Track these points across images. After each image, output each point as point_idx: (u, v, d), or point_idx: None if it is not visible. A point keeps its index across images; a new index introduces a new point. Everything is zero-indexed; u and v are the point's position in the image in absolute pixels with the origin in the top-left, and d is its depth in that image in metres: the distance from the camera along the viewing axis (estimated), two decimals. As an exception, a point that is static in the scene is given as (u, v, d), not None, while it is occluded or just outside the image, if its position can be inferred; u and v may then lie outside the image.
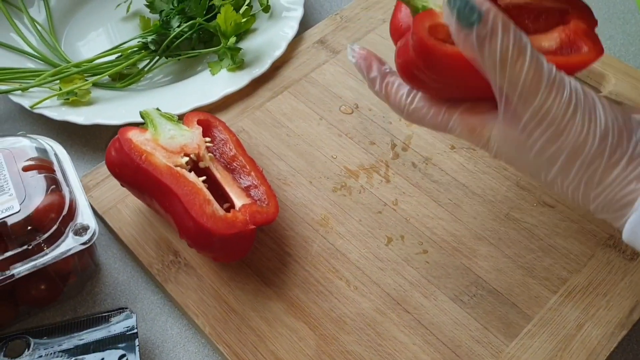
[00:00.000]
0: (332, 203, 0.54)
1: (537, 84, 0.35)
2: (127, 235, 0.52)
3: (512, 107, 0.36)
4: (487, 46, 0.34)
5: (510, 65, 0.35)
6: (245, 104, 0.61)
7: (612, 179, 0.35)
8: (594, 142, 0.35)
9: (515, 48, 0.34)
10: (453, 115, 0.40)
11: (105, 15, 0.72)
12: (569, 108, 0.35)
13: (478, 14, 0.34)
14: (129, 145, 0.48)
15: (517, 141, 0.37)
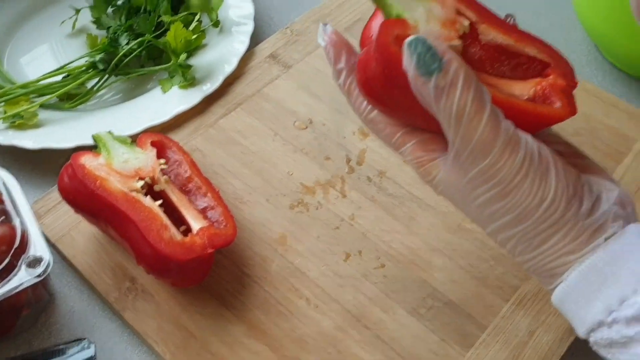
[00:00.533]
0: (290, 220, 0.54)
1: (491, 145, 0.34)
2: (82, 263, 0.51)
3: (461, 160, 0.35)
4: (444, 98, 0.33)
5: (465, 122, 0.33)
6: (198, 122, 0.61)
7: (548, 246, 0.35)
8: (538, 210, 0.35)
9: (473, 105, 0.33)
10: (406, 143, 0.38)
11: (50, 32, 0.70)
12: (519, 172, 0.34)
13: (439, 63, 0.33)
14: (83, 172, 0.47)
15: (462, 190, 0.37)
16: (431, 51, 0.33)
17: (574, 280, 0.35)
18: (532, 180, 0.35)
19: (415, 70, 0.33)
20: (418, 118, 0.38)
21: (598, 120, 0.60)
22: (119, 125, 0.58)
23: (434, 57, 0.33)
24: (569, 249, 0.35)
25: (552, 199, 0.35)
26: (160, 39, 0.63)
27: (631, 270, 0.34)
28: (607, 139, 0.58)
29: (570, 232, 0.35)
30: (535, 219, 0.35)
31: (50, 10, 0.72)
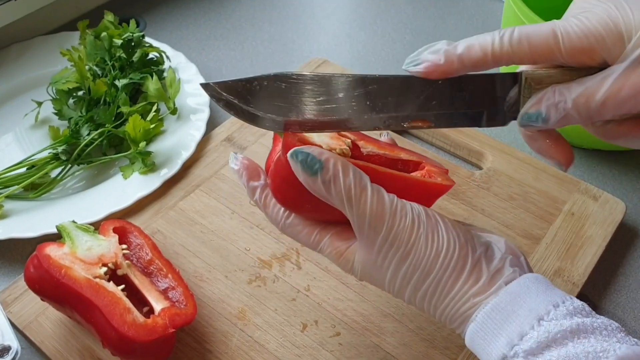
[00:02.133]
0: (248, 295, 0.57)
1: (382, 213, 0.40)
2: (50, 348, 0.53)
3: (365, 234, 0.41)
4: (333, 188, 0.40)
5: (355, 202, 0.40)
6: (159, 205, 0.64)
7: (455, 292, 0.41)
8: (438, 260, 0.41)
9: (357, 186, 0.40)
10: (324, 237, 0.44)
11: (14, 124, 0.74)
12: (412, 231, 0.41)
13: (319, 163, 0.40)
14: (48, 262, 0.50)
15: (375, 264, 0.42)
16: (310, 156, 0.40)
17: (481, 319, 0.40)
18: (425, 236, 0.41)
19: (304, 174, 0.40)
20: (326, 213, 0.43)
21: (529, 185, 0.65)
22: (83, 212, 0.61)
23: (314, 160, 0.40)
24: (474, 292, 0.40)
25: (447, 248, 0.41)
26: (120, 128, 0.67)
27: (529, 309, 0.39)
28: (538, 202, 0.64)
29: (471, 275, 0.41)
30: (437, 269, 0.41)
31: (13, 103, 0.76)
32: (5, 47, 0.81)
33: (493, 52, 0.40)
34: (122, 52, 0.71)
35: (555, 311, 0.38)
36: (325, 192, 0.40)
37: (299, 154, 0.40)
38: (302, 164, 0.40)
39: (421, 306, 0.42)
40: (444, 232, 0.41)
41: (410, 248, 0.41)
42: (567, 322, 0.37)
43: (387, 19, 0.91)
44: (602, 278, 0.60)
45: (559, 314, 0.38)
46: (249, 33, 0.89)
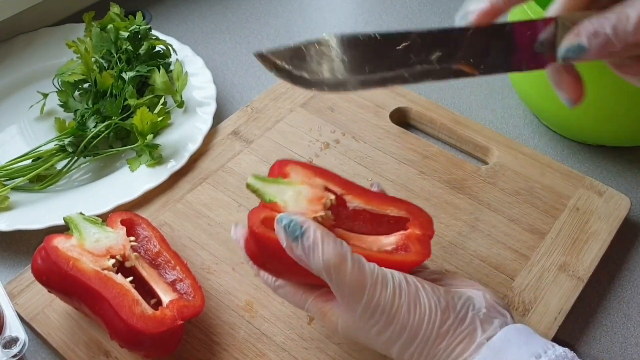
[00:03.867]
0: (255, 287, 0.57)
1: (362, 284, 0.42)
2: (56, 340, 0.53)
3: (346, 302, 0.42)
4: (312, 256, 0.41)
5: (334, 271, 0.41)
6: (166, 198, 0.64)
7: (441, 352, 0.42)
8: (422, 326, 0.42)
9: (336, 257, 0.41)
10: (308, 298, 0.46)
11: (19, 115, 0.74)
12: (394, 301, 0.42)
13: (300, 230, 0.42)
14: (56, 253, 0.50)
15: (358, 327, 0.43)
16: (293, 222, 0.42)
17: None
18: (407, 304, 0.42)
19: (285, 238, 0.42)
20: (306, 277, 0.45)
21: (535, 180, 0.65)
22: (89, 204, 0.61)
23: (296, 226, 0.42)
24: (459, 351, 0.42)
25: (429, 314, 0.42)
26: (127, 121, 0.67)
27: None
28: (543, 197, 0.64)
29: (455, 336, 0.42)
30: (423, 334, 0.42)
31: (18, 95, 0.76)
32: (11, 38, 0.81)
33: None
34: (128, 45, 0.71)
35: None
36: (305, 259, 0.42)
37: (284, 219, 0.42)
38: (285, 229, 0.42)
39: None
40: (425, 300, 0.43)
41: (393, 317, 0.42)
42: None
43: (392, 14, 0.91)
44: (606, 273, 0.61)
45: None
46: (254, 27, 0.89)
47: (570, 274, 0.58)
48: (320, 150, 0.68)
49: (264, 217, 0.45)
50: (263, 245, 0.44)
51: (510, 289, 0.57)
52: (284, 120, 0.71)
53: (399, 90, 0.75)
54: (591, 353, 0.55)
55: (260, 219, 0.45)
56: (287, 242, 0.42)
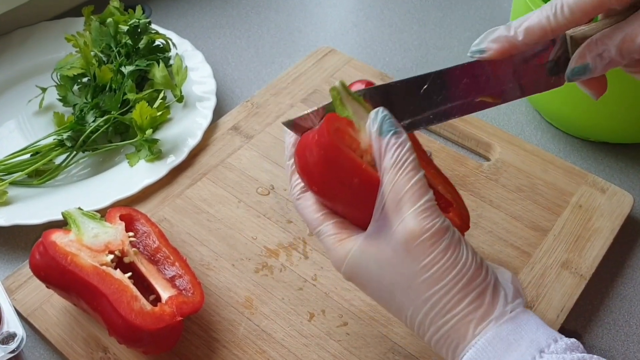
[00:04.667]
0: (255, 284, 0.57)
1: (416, 199, 0.40)
2: (54, 336, 0.53)
3: (387, 213, 0.40)
4: (392, 151, 0.40)
5: (401, 172, 0.40)
6: (165, 193, 0.64)
7: (457, 311, 0.40)
8: (452, 271, 0.40)
9: (411, 163, 0.40)
10: (329, 219, 0.43)
11: (17, 110, 0.73)
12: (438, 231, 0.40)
13: (395, 130, 0.41)
14: (54, 249, 0.50)
15: (377, 254, 0.41)
16: (390, 119, 0.41)
17: (481, 346, 0.39)
18: (447, 244, 0.40)
19: (376, 128, 0.41)
20: (345, 204, 0.43)
21: (537, 177, 0.65)
22: (88, 199, 0.61)
23: (392, 123, 0.41)
24: (477, 315, 0.39)
25: (464, 262, 0.40)
26: (126, 116, 0.66)
27: (530, 340, 0.39)
28: (546, 194, 0.63)
29: (477, 299, 0.40)
30: (448, 281, 0.39)
31: (17, 89, 0.75)
32: (9, 32, 0.80)
33: (552, 28, 0.41)
34: (128, 39, 0.71)
35: (555, 345, 0.39)
36: (384, 151, 0.41)
37: (382, 112, 0.41)
38: (382, 120, 0.41)
39: (412, 317, 0.41)
40: (465, 250, 0.40)
41: (428, 248, 0.40)
42: (569, 356, 0.38)
43: (394, 8, 0.90)
44: (609, 270, 0.60)
45: (559, 348, 0.38)
46: (254, 21, 0.88)
47: (573, 271, 0.57)
48: (321, 145, 0.68)
49: (338, 127, 0.42)
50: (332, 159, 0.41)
51: (512, 286, 0.56)
52: (285, 115, 0.71)
53: (400, 85, 0.74)
54: (593, 351, 0.54)
55: (335, 128, 0.42)
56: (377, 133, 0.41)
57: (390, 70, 0.80)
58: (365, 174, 0.41)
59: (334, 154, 0.41)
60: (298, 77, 0.75)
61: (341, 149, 0.41)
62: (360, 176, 0.41)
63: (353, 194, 0.42)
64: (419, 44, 0.84)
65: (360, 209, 0.43)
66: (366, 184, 0.41)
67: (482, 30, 0.85)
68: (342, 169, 0.41)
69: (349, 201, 0.43)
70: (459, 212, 0.47)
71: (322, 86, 0.74)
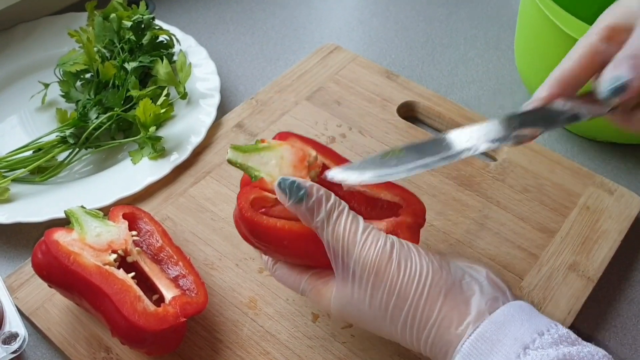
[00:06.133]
0: (259, 284, 0.56)
1: (354, 237, 0.42)
2: (56, 335, 0.52)
3: (339, 260, 0.42)
4: (316, 213, 0.43)
5: (332, 222, 0.42)
6: (169, 191, 0.63)
7: (434, 320, 0.41)
8: (412, 284, 0.41)
9: (336, 210, 0.43)
10: (304, 277, 0.46)
11: (19, 105, 0.73)
12: (384, 255, 0.41)
13: (304, 190, 0.43)
14: (56, 248, 0.49)
15: (351, 297, 0.43)
16: (296, 184, 0.43)
17: (466, 350, 0.39)
18: (397, 261, 0.41)
19: (289, 201, 0.43)
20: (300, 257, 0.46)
21: (544, 177, 0.64)
22: (91, 197, 0.60)
23: (299, 187, 0.43)
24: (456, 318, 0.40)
25: (419, 272, 0.41)
26: (129, 112, 0.66)
27: (514, 337, 0.38)
28: (553, 195, 0.63)
29: (448, 301, 0.41)
30: (413, 295, 0.41)
31: (19, 85, 0.75)
32: (11, 27, 0.79)
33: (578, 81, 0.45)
34: (131, 35, 0.70)
35: (540, 339, 0.38)
36: (309, 216, 0.43)
37: (286, 182, 0.43)
38: (288, 192, 0.43)
39: (404, 338, 0.42)
40: (417, 258, 0.42)
41: (383, 274, 0.41)
42: (554, 351, 0.37)
43: (400, 5, 0.89)
44: (617, 273, 0.59)
45: (545, 343, 0.38)
46: (259, 17, 0.87)
47: (580, 273, 0.57)
48: (326, 144, 0.67)
49: (253, 198, 0.45)
50: (253, 228, 0.44)
51: (519, 288, 0.55)
52: (289, 113, 0.70)
53: (406, 83, 0.73)
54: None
55: (250, 201, 0.45)
56: (290, 203, 0.43)
57: (396, 68, 0.79)
58: (289, 233, 0.44)
59: (254, 227, 0.44)
60: (303, 75, 0.74)
61: (257, 221, 0.44)
62: (287, 237, 0.44)
63: (296, 249, 0.45)
64: (425, 41, 0.84)
65: (311, 258, 0.45)
66: (296, 240, 0.44)
67: (488, 28, 0.85)
68: (268, 237, 0.44)
69: (297, 256, 0.46)
70: (411, 210, 0.48)
71: (327, 84, 0.73)
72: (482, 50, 0.82)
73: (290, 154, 0.47)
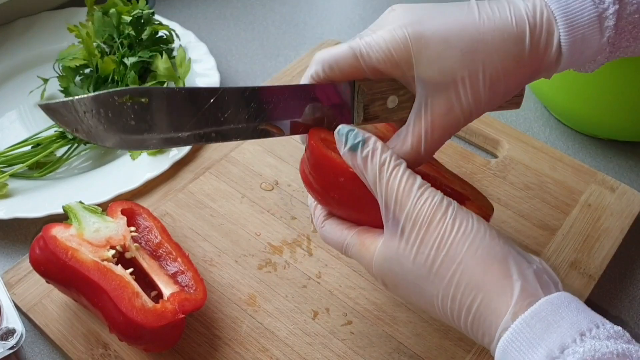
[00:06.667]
0: (259, 281, 0.56)
1: (409, 191, 0.39)
2: (54, 332, 0.52)
3: (391, 213, 0.40)
4: (369, 163, 0.40)
5: (386, 176, 0.40)
6: (168, 187, 0.63)
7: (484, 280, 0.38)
8: (466, 242, 0.38)
9: (391, 162, 0.41)
10: (351, 232, 0.44)
11: (18, 100, 0.72)
12: (439, 210, 0.39)
13: (361, 139, 0.41)
14: (54, 243, 0.49)
15: (396, 252, 0.40)
16: (354, 132, 0.42)
17: (518, 327, 0.36)
18: (453, 217, 0.39)
19: (345, 147, 0.42)
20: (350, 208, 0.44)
21: (546, 175, 0.64)
22: (90, 192, 0.60)
23: (357, 136, 0.41)
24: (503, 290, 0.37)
25: (476, 232, 0.39)
26: (128, 108, 0.65)
27: (571, 321, 0.36)
28: (555, 192, 0.62)
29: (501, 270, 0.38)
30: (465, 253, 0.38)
31: (18, 80, 0.74)
32: (11, 22, 0.79)
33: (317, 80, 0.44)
34: (131, 30, 0.69)
35: (597, 330, 0.36)
36: (363, 167, 0.41)
37: (345, 130, 0.42)
38: (345, 138, 0.41)
39: (444, 304, 0.39)
40: (474, 221, 0.39)
41: (435, 228, 0.39)
42: (612, 344, 0.35)
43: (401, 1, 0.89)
44: (618, 271, 0.59)
45: (602, 334, 0.35)
46: (259, 13, 0.87)
47: (582, 271, 0.56)
48: (326, 140, 0.67)
49: (324, 136, 0.44)
50: (319, 163, 0.43)
51: (520, 286, 0.55)
52: (290, 109, 0.70)
53: (407, 80, 0.73)
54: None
55: (321, 137, 0.44)
56: (346, 150, 0.41)
57: (396, 65, 0.79)
58: (347, 172, 0.42)
59: (319, 158, 0.43)
60: (303, 71, 0.74)
61: (323, 152, 0.43)
62: (344, 175, 0.43)
63: (349, 194, 0.43)
64: (426, 38, 0.83)
65: (364, 209, 0.43)
66: (352, 181, 0.42)
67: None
68: (328, 170, 0.43)
69: (351, 203, 0.44)
70: (477, 205, 0.45)
71: (327, 80, 0.73)
72: (483, 46, 0.82)
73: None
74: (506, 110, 0.49)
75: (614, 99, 0.63)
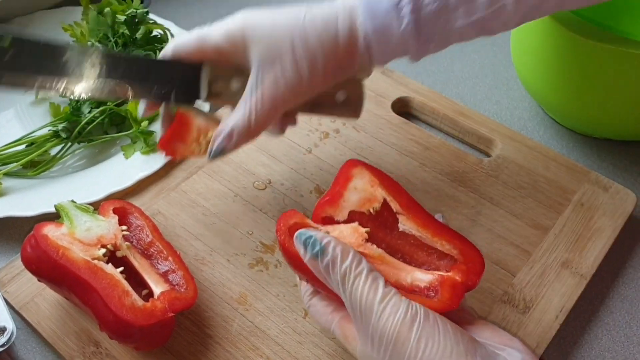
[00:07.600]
0: (250, 280, 0.56)
1: (372, 304, 0.40)
2: (46, 330, 0.52)
3: (358, 323, 0.41)
4: (331, 273, 0.41)
5: (348, 287, 0.40)
6: (160, 186, 0.63)
7: None
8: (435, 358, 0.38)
9: (352, 271, 0.41)
10: (335, 319, 0.45)
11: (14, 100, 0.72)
12: (404, 329, 0.39)
13: (320, 248, 0.41)
14: (45, 242, 0.49)
15: (372, 356, 0.41)
16: (312, 240, 0.42)
17: None
18: (418, 337, 0.39)
19: (305, 254, 0.42)
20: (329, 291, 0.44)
21: (539, 174, 0.64)
22: (83, 191, 0.60)
23: (315, 244, 0.42)
24: None
25: (441, 356, 0.38)
26: (122, 107, 0.66)
27: None
28: (548, 192, 0.62)
29: None
30: None
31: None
32: (6, 21, 0.79)
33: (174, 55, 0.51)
34: (125, 29, 0.70)
35: None
36: (326, 275, 0.42)
37: (303, 235, 0.42)
38: (304, 245, 0.42)
39: None
40: (441, 338, 0.39)
41: (401, 347, 0.39)
42: None
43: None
44: (610, 271, 0.59)
45: None
46: (255, 12, 0.87)
47: (573, 271, 0.56)
48: (319, 139, 0.67)
49: (294, 223, 0.45)
50: (289, 257, 0.45)
51: (511, 285, 0.55)
52: (283, 108, 0.70)
53: (401, 79, 0.73)
54: (592, 352, 0.54)
55: (289, 225, 0.45)
56: (307, 257, 0.42)
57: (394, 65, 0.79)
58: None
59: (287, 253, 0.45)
60: (297, 70, 0.74)
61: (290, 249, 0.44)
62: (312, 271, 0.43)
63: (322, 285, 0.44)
64: (422, 37, 0.83)
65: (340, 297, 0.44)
66: None
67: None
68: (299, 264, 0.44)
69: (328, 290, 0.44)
70: (466, 267, 0.45)
71: (321, 79, 0.73)
72: (478, 46, 0.82)
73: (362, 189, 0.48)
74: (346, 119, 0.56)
75: (608, 99, 0.63)
